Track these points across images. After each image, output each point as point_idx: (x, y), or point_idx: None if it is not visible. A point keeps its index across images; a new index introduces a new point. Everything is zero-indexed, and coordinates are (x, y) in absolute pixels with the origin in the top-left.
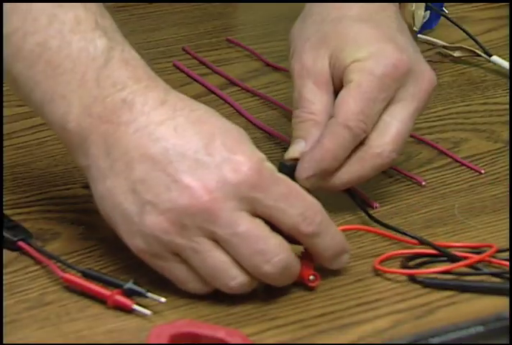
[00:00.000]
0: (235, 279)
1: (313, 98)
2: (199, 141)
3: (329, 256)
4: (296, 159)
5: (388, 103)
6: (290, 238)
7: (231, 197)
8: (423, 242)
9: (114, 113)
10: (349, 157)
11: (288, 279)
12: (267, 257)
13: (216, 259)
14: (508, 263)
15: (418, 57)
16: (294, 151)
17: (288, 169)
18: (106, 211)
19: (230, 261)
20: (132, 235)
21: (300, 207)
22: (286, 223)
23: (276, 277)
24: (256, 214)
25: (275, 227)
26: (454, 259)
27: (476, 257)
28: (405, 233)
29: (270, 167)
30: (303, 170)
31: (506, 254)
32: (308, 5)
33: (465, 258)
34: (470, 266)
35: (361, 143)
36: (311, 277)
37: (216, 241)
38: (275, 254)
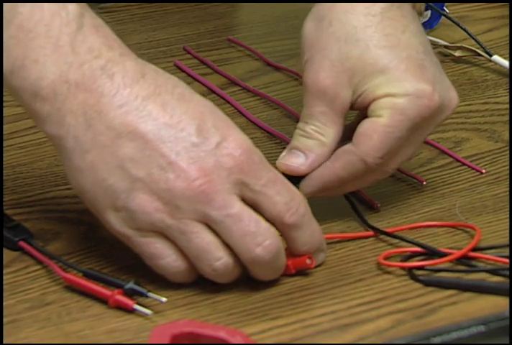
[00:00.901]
0: (220, 259)
1: (327, 122)
2: (191, 122)
3: (305, 252)
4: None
5: None
6: None
7: (225, 180)
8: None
9: (94, 81)
10: None
11: (275, 270)
12: (258, 240)
13: (203, 240)
14: (506, 260)
15: (444, 81)
16: (292, 162)
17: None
18: (83, 185)
19: (217, 243)
20: (116, 211)
21: (286, 196)
22: (271, 211)
23: (266, 262)
24: (245, 199)
25: None
26: (441, 254)
27: (460, 252)
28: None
29: (259, 152)
30: (308, 187)
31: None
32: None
33: (451, 253)
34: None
35: None
36: (308, 261)
37: (207, 224)
38: (266, 238)
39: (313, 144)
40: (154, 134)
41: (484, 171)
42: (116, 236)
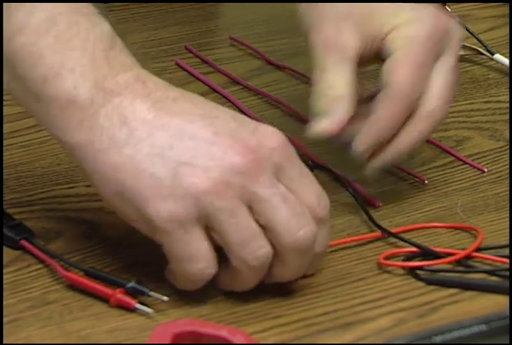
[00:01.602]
0: (263, 248)
1: (338, 73)
2: (224, 113)
3: (321, 251)
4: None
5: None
6: None
7: (269, 160)
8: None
9: (127, 88)
10: None
11: (302, 264)
12: (302, 222)
13: (250, 224)
14: (506, 260)
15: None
16: (319, 125)
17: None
18: (122, 181)
19: (260, 231)
20: (162, 199)
21: (316, 190)
22: (303, 201)
23: (303, 249)
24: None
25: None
26: (442, 256)
27: (463, 253)
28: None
29: (292, 146)
30: (361, 143)
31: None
32: None
33: (451, 254)
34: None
35: None
36: None
37: (251, 206)
38: (308, 221)
39: (331, 101)
40: (190, 122)
41: (486, 170)
42: (119, 234)
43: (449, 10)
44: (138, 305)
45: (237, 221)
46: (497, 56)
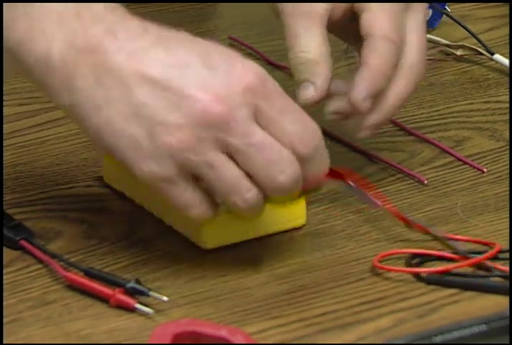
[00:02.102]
0: (250, 190)
1: (308, 35)
2: (196, 59)
3: (313, 184)
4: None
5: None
6: None
7: (241, 105)
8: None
9: (99, 44)
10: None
11: (292, 194)
12: (281, 167)
13: (233, 171)
14: (506, 268)
15: None
16: (303, 95)
17: None
18: (107, 143)
19: (243, 174)
20: (142, 160)
21: (300, 126)
22: (283, 140)
23: (288, 190)
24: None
25: None
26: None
27: (476, 258)
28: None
29: (272, 79)
30: (358, 93)
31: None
32: None
33: (464, 258)
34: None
35: None
36: None
37: (229, 153)
38: (288, 164)
39: (309, 66)
40: (161, 75)
41: (485, 170)
42: (118, 234)
43: (449, 10)
44: (138, 305)
45: (218, 172)
46: (497, 56)
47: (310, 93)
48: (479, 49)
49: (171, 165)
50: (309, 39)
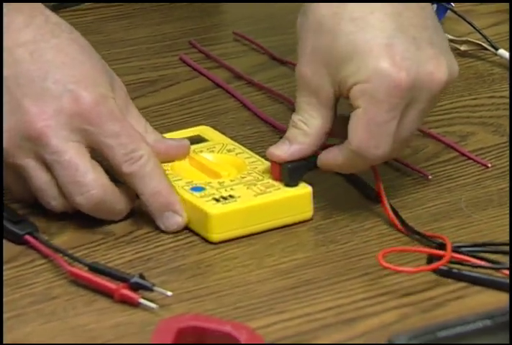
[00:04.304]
0: (55, 199)
1: (312, 113)
2: (50, 69)
3: (151, 207)
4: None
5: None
6: None
7: (64, 127)
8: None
9: None
10: None
11: (105, 214)
12: (82, 189)
13: (40, 179)
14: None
15: (424, 54)
16: (277, 149)
17: (290, 169)
18: None
19: (52, 184)
20: None
21: (127, 148)
22: (111, 160)
23: (87, 209)
24: (89, 146)
25: None
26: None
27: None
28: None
29: (112, 105)
30: (320, 163)
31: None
32: None
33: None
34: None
35: None
36: None
37: (46, 164)
38: (90, 188)
39: (297, 133)
40: (14, 77)
41: (490, 165)
42: (122, 230)
43: (453, 5)
44: (142, 300)
45: (29, 176)
46: (502, 51)
47: (283, 150)
48: (483, 44)
49: (8, 165)
50: (312, 115)
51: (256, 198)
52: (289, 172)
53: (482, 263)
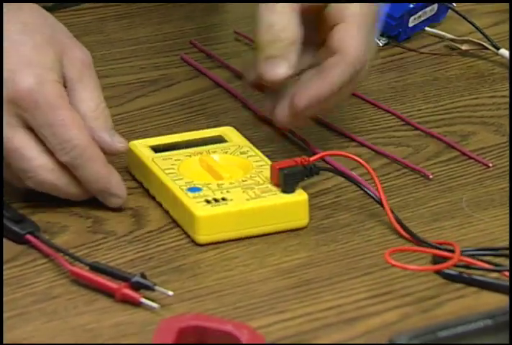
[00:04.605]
0: (19, 183)
1: (288, 16)
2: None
3: (93, 190)
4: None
5: None
6: None
7: (7, 113)
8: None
9: None
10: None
11: (63, 195)
12: (28, 175)
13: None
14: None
15: None
16: (275, 72)
17: (286, 175)
18: None
19: (10, 170)
20: None
21: (60, 138)
22: (50, 147)
23: (41, 190)
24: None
25: None
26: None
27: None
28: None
29: (49, 91)
30: (301, 101)
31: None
32: None
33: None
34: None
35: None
36: None
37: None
38: (35, 174)
39: (286, 45)
40: None
41: (491, 165)
42: (124, 229)
43: (454, 4)
44: (143, 300)
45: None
46: (503, 51)
47: (283, 70)
48: (484, 43)
49: None
50: (288, 20)
51: (247, 202)
52: (284, 178)
53: (486, 266)
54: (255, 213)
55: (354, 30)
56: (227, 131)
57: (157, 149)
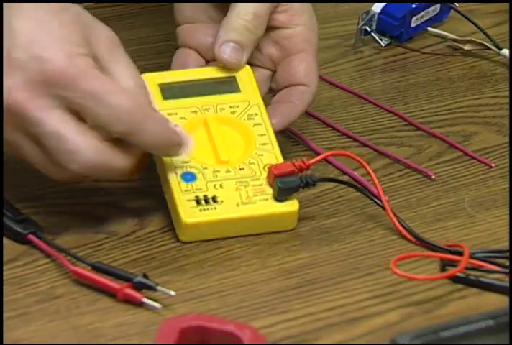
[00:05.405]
0: (52, 171)
1: (250, 5)
2: (16, 37)
3: (156, 151)
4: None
5: None
6: None
7: (39, 95)
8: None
9: None
10: None
11: (107, 175)
12: (72, 157)
13: (31, 152)
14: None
15: None
16: (234, 57)
17: (280, 188)
18: None
19: (44, 156)
20: None
21: (108, 106)
22: (97, 121)
23: (86, 174)
24: (71, 109)
25: None
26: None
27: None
28: (443, 248)
29: (81, 63)
30: (278, 126)
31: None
32: None
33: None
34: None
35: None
36: None
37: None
38: (79, 154)
39: (253, 39)
40: None
41: (493, 165)
42: (126, 229)
43: (457, 4)
44: (145, 300)
45: (24, 151)
46: (505, 51)
47: (242, 58)
48: (487, 43)
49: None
50: (251, 8)
51: (237, 209)
52: (279, 190)
53: (495, 268)
54: (242, 221)
55: (314, 62)
56: (243, 74)
57: (166, 89)
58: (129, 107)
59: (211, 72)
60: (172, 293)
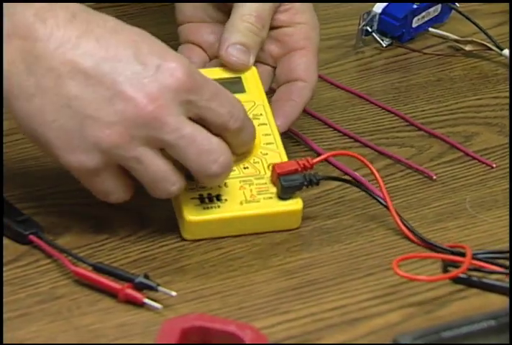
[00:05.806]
0: (175, 184)
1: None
2: (127, 52)
3: (248, 146)
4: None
5: None
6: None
7: (173, 102)
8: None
9: (27, 28)
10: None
11: (223, 180)
12: (214, 156)
13: (159, 167)
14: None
15: None
16: (240, 58)
17: (284, 186)
18: (36, 131)
19: (171, 169)
20: (71, 151)
21: (228, 105)
22: (216, 122)
23: (220, 177)
24: (191, 117)
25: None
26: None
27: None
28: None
29: (196, 69)
30: (283, 127)
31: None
32: None
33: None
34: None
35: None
36: None
37: (161, 148)
38: (220, 154)
39: (258, 41)
40: (93, 68)
41: (494, 165)
42: (127, 229)
43: (458, 5)
44: (146, 300)
45: (145, 166)
46: (506, 51)
47: (249, 59)
48: (488, 44)
49: (99, 158)
50: (254, 10)
51: (241, 207)
52: (282, 188)
53: (496, 268)
54: (246, 219)
55: (314, 59)
56: (249, 75)
57: None
58: (239, 103)
59: (216, 73)
60: (174, 294)
